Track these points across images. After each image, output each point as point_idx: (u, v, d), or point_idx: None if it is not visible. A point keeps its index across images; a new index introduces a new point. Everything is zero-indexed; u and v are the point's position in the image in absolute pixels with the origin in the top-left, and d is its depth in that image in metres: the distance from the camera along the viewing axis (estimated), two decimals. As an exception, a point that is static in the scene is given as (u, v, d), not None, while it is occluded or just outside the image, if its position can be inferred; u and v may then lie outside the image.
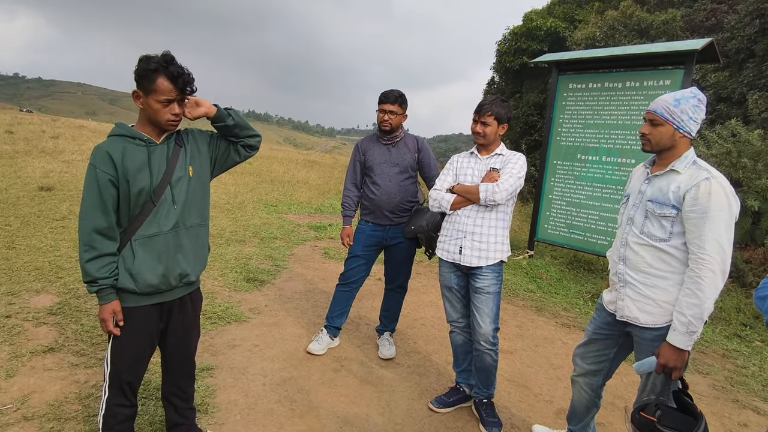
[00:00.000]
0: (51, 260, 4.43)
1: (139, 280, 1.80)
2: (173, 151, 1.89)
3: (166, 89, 1.74)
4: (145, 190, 1.79)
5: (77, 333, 3.19)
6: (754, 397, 3.40)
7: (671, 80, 5.26)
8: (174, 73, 1.74)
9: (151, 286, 1.83)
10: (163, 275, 1.86)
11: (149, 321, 1.90)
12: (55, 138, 13.92)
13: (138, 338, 1.88)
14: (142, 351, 1.92)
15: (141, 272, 1.80)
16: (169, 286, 1.89)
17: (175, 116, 1.80)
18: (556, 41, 14.03)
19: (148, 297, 1.86)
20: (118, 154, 1.75)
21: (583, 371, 2.35)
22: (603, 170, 5.81)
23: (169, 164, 1.85)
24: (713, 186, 1.80)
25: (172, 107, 1.78)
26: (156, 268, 1.84)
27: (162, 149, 1.85)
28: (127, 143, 1.78)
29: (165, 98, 1.75)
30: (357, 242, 3.34)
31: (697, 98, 1.91)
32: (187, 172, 1.92)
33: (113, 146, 1.76)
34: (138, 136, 1.80)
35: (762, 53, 8.92)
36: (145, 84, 1.74)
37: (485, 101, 2.62)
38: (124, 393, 1.90)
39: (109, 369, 1.87)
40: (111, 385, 1.88)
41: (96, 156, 1.74)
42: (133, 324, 1.86)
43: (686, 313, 1.79)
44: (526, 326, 4.35)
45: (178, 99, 1.80)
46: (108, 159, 1.73)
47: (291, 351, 3.37)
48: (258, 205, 8.68)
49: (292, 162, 18.25)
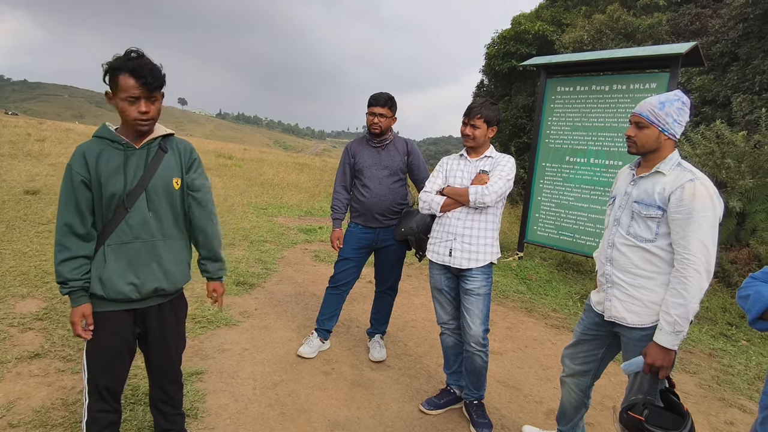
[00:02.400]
0: (37, 265, 4.37)
1: (108, 287, 1.76)
2: (155, 156, 1.82)
3: (130, 86, 1.66)
4: (117, 195, 1.74)
5: (64, 338, 3.15)
6: (740, 396, 3.45)
7: (657, 83, 5.33)
8: (135, 68, 1.66)
9: (120, 293, 1.78)
10: (133, 284, 1.79)
11: (121, 326, 1.84)
12: (41, 141, 13.76)
13: (111, 343, 1.82)
14: (115, 356, 1.85)
15: (111, 279, 1.76)
16: (140, 296, 1.82)
17: (142, 114, 1.71)
18: (545, 45, 14.16)
19: (117, 303, 1.81)
20: (94, 156, 1.72)
21: (572, 372, 2.37)
22: (591, 172, 5.87)
23: (147, 170, 1.79)
24: (698, 187, 1.83)
25: (138, 105, 1.70)
26: (126, 276, 1.78)
27: (141, 154, 1.79)
28: (105, 145, 1.75)
29: (128, 96, 1.67)
30: (347, 245, 3.34)
31: (681, 101, 1.94)
32: (172, 181, 1.85)
33: (91, 148, 1.74)
34: (116, 139, 1.76)
35: (746, 57, 9.07)
36: (111, 83, 1.69)
37: (474, 104, 2.64)
38: (104, 398, 1.85)
39: (86, 374, 1.83)
40: (90, 390, 1.84)
41: (73, 156, 1.73)
42: (105, 329, 1.81)
43: (672, 312, 1.82)
44: (516, 327, 4.37)
45: (146, 96, 1.70)
46: (83, 160, 1.71)
47: (281, 354, 3.36)
48: (248, 208, 8.64)
49: (282, 165, 18.21)
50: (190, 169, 1.94)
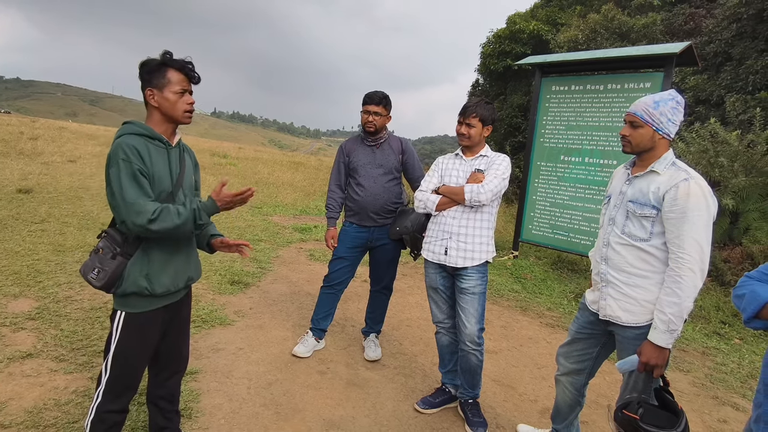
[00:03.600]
0: (29, 264, 4.33)
1: (155, 282, 1.80)
2: (182, 156, 1.94)
3: (180, 79, 1.80)
4: (165, 192, 1.81)
5: (57, 338, 3.13)
6: (733, 394, 3.47)
7: (651, 83, 5.36)
8: (182, 64, 1.80)
9: (163, 286, 1.83)
10: (174, 277, 1.87)
11: (157, 325, 1.90)
12: (33, 139, 13.65)
13: (144, 343, 1.87)
14: (145, 356, 1.91)
15: (156, 274, 1.81)
16: (177, 287, 1.90)
17: (190, 105, 1.84)
18: (539, 44, 14.17)
19: (159, 299, 1.86)
20: (145, 152, 1.74)
21: (567, 370, 2.37)
22: (586, 171, 5.88)
23: (180, 168, 1.90)
24: (692, 187, 1.83)
25: (187, 97, 1.83)
26: (168, 270, 1.85)
27: (175, 152, 1.89)
28: (147, 143, 1.78)
29: (180, 88, 1.80)
30: (341, 244, 3.33)
31: (675, 100, 1.95)
32: (193, 179, 2.00)
33: (138, 143, 1.74)
34: (158, 137, 1.81)
35: (739, 57, 9.12)
36: (156, 79, 1.78)
37: (470, 103, 2.64)
38: (120, 399, 1.85)
39: (107, 374, 1.81)
40: (106, 390, 1.83)
41: (124, 151, 1.69)
42: (141, 329, 1.84)
43: (666, 311, 1.83)
44: (511, 326, 4.38)
45: (190, 90, 1.85)
46: (138, 155, 1.72)
47: (276, 354, 3.35)
48: (242, 207, 8.60)
49: (277, 164, 18.16)
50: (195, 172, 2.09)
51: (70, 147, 12.89)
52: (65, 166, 10.05)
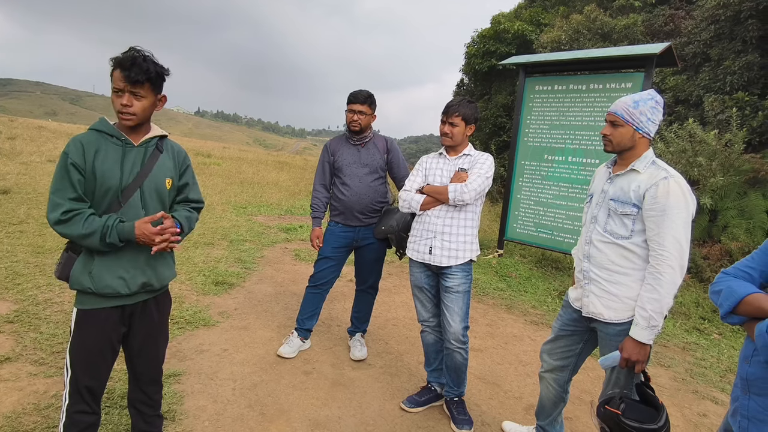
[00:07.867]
0: (7, 266, 4.24)
1: (98, 281, 1.76)
2: (151, 155, 1.86)
3: (117, 77, 1.74)
4: (113, 190, 1.76)
5: (36, 341, 3.07)
6: (712, 388, 3.54)
7: (632, 83, 5.43)
8: (122, 61, 1.72)
9: (109, 287, 1.78)
10: (123, 278, 1.81)
11: (108, 324, 1.84)
12: (12, 139, 13.33)
13: (96, 342, 1.82)
14: (100, 355, 1.84)
15: (100, 273, 1.77)
16: (129, 290, 1.83)
17: (123, 106, 1.74)
18: (523, 44, 14.29)
19: (106, 299, 1.81)
20: (92, 148, 1.74)
21: (551, 367, 2.40)
22: (569, 170, 5.95)
23: (143, 167, 1.83)
24: (671, 185, 1.86)
25: (121, 97, 1.75)
26: (116, 270, 1.79)
27: (139, 151, 1.83)
28: (104, 139, 1.78)
29: (115, 87, 1.74)
30: (327, 244, 3.32)
31: (654, 100, 1.98)
32: (164, 181, 1.89)
33: (89, 140, 1.75)
34: (116, 134, 1.79)
35: (717, 58, 9.29)
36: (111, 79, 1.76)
37: (452, 102, 2.65)
38: (84, 399, 1.83)
39: (69, 374, 1.81)
40: (71, 391, 1.82)
41: (69, 145, 1.73)
42: (92, 326, 1.81)
43: (647, 307, 1.86)
44: (496, 324, 4.41)
45: (129, 90, 1.74)
46: (80, 150, 1.72)
47: (261, 355, 3.32)
48: (227, 207, 8.53)
49: (261, 163, 18.01)
50: (182, 175, 2.03)
51: (49, 147, 12.62)
52: (44, 166, 9.84)
